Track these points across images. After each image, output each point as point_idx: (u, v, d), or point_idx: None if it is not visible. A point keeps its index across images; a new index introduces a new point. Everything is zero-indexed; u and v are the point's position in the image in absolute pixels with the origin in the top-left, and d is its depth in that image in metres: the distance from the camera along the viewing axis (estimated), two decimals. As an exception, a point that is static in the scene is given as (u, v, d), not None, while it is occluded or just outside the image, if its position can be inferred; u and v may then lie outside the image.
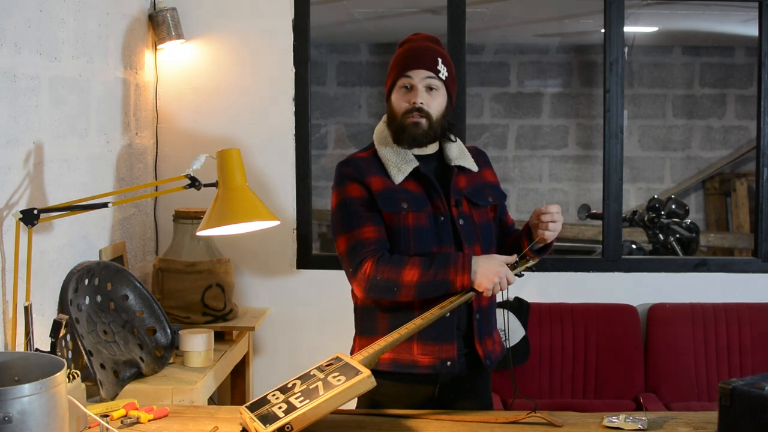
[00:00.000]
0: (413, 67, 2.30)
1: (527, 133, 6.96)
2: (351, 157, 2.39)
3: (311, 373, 2.09)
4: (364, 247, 2.26)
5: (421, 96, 2.30)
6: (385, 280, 2.21)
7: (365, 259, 2.24)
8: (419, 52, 2.32)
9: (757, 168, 3.94)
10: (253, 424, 1.98)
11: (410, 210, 2.29)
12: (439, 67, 2.31)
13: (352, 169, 2.33)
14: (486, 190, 2.42)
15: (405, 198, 2.30)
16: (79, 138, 2.88)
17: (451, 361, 2.29)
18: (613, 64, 3.85)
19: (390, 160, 2.32)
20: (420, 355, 2.30)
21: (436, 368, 2.30)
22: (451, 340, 2.30)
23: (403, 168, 2.31)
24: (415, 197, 2.30)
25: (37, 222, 2.29)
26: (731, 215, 6.94)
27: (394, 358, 2.31)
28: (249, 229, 2.35)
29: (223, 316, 3.32)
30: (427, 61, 2.30)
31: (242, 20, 3.74)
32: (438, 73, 2.31)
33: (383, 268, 2.22)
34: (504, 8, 5.50)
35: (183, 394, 2.67)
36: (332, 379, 2.00)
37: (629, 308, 3.82)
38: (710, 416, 2.19)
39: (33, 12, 2.52)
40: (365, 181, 2.31)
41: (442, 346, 2.29)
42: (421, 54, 2.31)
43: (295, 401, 1.98)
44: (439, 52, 2.35)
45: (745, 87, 6.89)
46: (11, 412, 1.68)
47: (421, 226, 2.29)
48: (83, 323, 2.60)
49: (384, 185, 2.30)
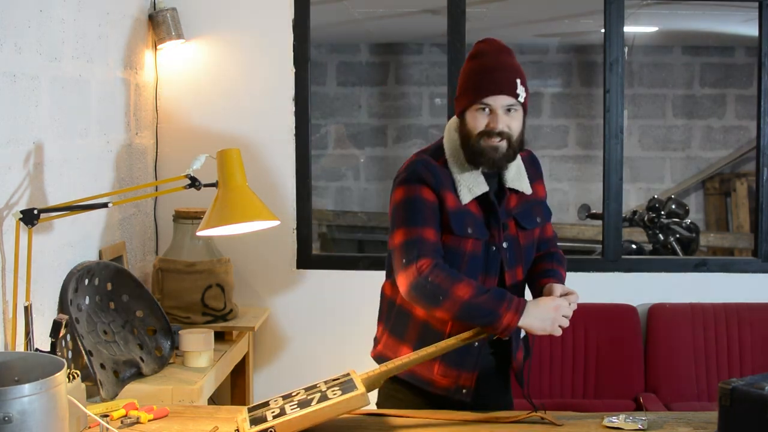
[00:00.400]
0: (492, 93, 2.17)
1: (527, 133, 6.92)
2: (428, 161, 2.25)
3: (317, 384, 2.13)
4: (426, 245, 2.16)
5: (502, 121, 2.18)
6: (437, 285, 2.11)
7: (424, 256, 2.14)
8: (498, 75, 2.18)
9: (757, 168, 3.94)
10: (243, 424, 2.02)
11: (473, 237, 2.22)
12: (518, 90, 2.19)
13: (430, 175, 2.22)
14: (536, 209, 2.34)
15: (471, 222, 2.22)
16: (79, 138, 2.88)
17: (467, 390, 2.28)
18: (613, 64, 3.85)
19: (462, 179, 2.23)
20: (439, 375, 2.29)
21: (451, 392, 2.28)
22: (473, 368, 2.27)
23: (474, 190, 2.22)
24: (477, 223, 2.23)
25: (37, 222, 2.29)
26: (731, 215, 6.94)
27: (414, 370, 2.28)
28: (249, 229, 2.35)
29: (223, 316, 3.32)
30: (508, 86, 2.18)
31: (242, 20, 3.74)
32: (518, 97, 2.19)
33: (439, 273, 2.12)
34: (504, 8, 5.49)
35: (183, 394, 2.67)
36: (330, 393, 2.04)
37: (629, 308, 3.82)
38: (710, 416, 2.19)
39: (33, 12, 2.51)
40: (441, 192, 2.21)
41: (461, 373, 2.27)
42: (500, 78, 2.18)
43: (288, 408, 2.02)
44: (518, 70, 2.21)
45: (745, 87, 6.89)
46: (11, 412, 1.68)
47: (476, 253, 2.23)
48: (83, 323, 2.60)
49: (455, 204, 2.22)
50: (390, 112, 6.89)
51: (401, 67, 6.92)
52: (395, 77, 6.93)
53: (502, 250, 2.25)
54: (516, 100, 2.19)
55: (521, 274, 2.31)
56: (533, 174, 2.38)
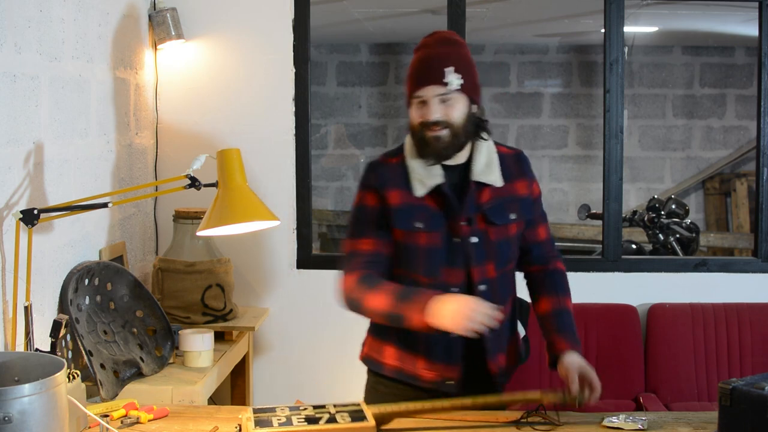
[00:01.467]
0: (422, 84, 2.17)
1: (527, 133, 6.96)
2: (380, 161, 2.32)
3: (325, 405, 2.15)
4: (357, 258, 2.24)
5: (435, 111, 2.17)
6: (355, 299, 2.20)
7: (351, 272, 2.22)
8: (427, 65, 2.18)
9: (757, 168, 3.94)
10: (248, 423, 2.03)
11: (424, 230, 2.23)
12: (448, 78, 2.15)
13: (375, 177, 2.27)
14: (511, 206, 2.28)
15: (421, 216, 2.23)
16: (79, 138, 2.88)
17: (453, 380, 2.28)
18: (613, 64, 3.85)
19: (415, 172, 2.24)
20: (424, 370, 2.30)
21: (437, 384, 2.29)
22: (457, 360, 2.27)
23: (427, 182, 2.22)
24: (432, 215, 2.23)
25: (37, 222, 2.29)
26: (731, 215, 6.94)
27: (400, 367, 2.31)
28: (249, 229, 2.35)
29: (223, 316, 3.32)
30: (435, 76, 2.16)
31: (242, 20, 3.74)
32: (447, 86, 2.15)
33: (358, 287, 2.19)
34: (504, 8, 5.49)
35: (183, 394, 2.67)
36: (339, 417, 2.07)
37: (629, 308, 3.82)
38: (710, 416, 2.19)
39: (33, 12, 2.52)
40: (384, 192, 2.25)
41: (446, 366, 2.28)
42: (428, 68, 2.17)
43: (295, 420, 2.05)
44: (450, 58, 2.17)
45: (745, 87, 6.89)
46: (11, 412, 1.68)
47: (433, 246, 2.23)
48: (83, 323, 2.60)
49: (402, 200, 2.24)
50: (390, 112, 6.89)
51: (401, 67, 6.92)
52: (395, 77, 6.93)
53: (468, 245, 2.22)
54: (446, 88, 2.15)
55: (493, 271, 2.25)
56: (516, 171, 2.32)
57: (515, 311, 2.40)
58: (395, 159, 2.29)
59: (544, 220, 2.40)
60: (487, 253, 2.24)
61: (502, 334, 2.32)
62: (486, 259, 2.24)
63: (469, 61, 2.22)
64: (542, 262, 2.40)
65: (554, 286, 2.37)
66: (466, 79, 2.17)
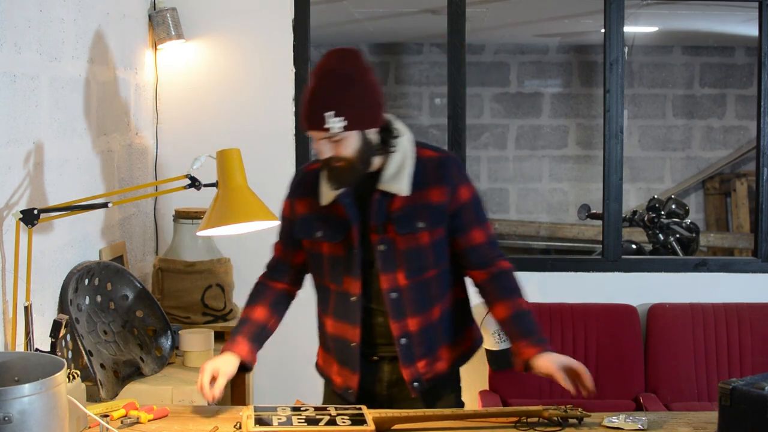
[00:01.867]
0: (306, 129, 2.14)
1: (527, 133, 6.96)
2: (303, 169, 2.38)
3: (328, 407, 2.16)
4: (270, 261, 2.47)
5: (325, 151, 2.13)
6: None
7: (263, 272, 2.47)
8: (310, 108, 2.11)
9: (757, 168, 3.94)
10: (248, 421, 2.04)
11: (324, 239, 2.25)
12: (329, 124, 2.07)
13: (292, 187, 2.36)
14: (420, 214, 2.20)
15: (324, 225, 2.25)
16: (79, 138, 2.88)
17: (352, 391, 2.28)
18: (613, 64, 3.85)
19: (323, 182, 2.23)
20: (335, 373, 2.35)
21: (342, 391, 2.31)
22: (355, 369, 2.27)
23: (329, 193, 2.23)
24: (335, 224, 2.23)
25: (37, 222, 2.29)
26: (731, 215, 6.94)
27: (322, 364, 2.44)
28: (249, 229, 2.35)
29: (223, 316, 3.32)
30: (316, 121, 2.09)
31: (242, 20, 3.74)
32: (329, 131, 2.08)
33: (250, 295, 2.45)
34: (504, 8, 5.50)
35: (183, 394, 2.67)
36: (339, 419, 2.07)
37: (629, 308, 3.82)
38: (710, 416, 2.19)
39: (33, 12, 2.51)
40: (294, 201, 2.33)
41: (348, 374, 2.29)
42: (311, 112, 2.10)
43: (295, 420, 2.06)
44: (332, 101, 2.09)
45: (745, 87, 6.89)
46: (11, 412, 1.68)
47: (335, 255, 2.26)
48: (83, 323, 2.60)
49: (308, 209, 2.28)
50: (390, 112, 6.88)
51: (401, 67, 6.92)
52: (395, 77, 6.93)
53: (376, 253, 2.22)
54: (329, 132, 2.09)
55: (404, 279, 2.22)
56: (434, 178, 2.22)
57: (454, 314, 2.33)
58: (316, 165, 2.28)
59: (478, 224, 2.27)
60: (396, 261, 2.22)
61: (425, 340, 2.27)
62: (395, 268, 2.22)
63: (355, 94, 2.13)
64: (483, 266, 2.29)
65: (503, 289, 2.28)
66: (350, 117, 2.10)
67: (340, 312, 2.30)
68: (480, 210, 2.29)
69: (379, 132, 2.21)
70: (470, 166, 6.56)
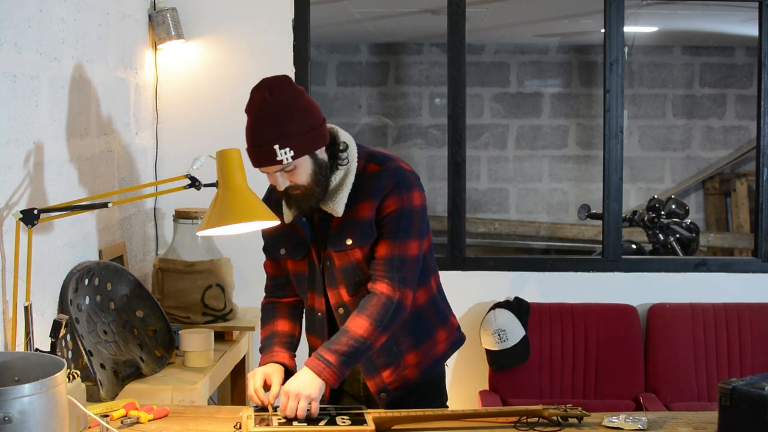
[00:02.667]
0: (258, 166, 2.16)
1: (527, 133, 6.96)
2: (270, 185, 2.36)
3: (328, 407, 2.17)
4: (267, 280, 2.48)
5: (281, 183, 2.17)
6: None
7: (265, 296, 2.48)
8: (255, 147, 2.12)
9: (757, 168, 3.94)
10: (247, 421, 2.06)
11: (287, 257, 2.33)
12: (281, 156, 2.10)
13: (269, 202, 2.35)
14: (348, 230, 2.21)
15: (287, 243, 2.31)
16: (79, 138, 2.88)
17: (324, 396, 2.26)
18: (613, 64, 3.85)
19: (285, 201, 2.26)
20: None
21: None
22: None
23: (290, 213, 2.27)
24: (296, 242, 2.29)
25: (37, 222, 2.29)
26: (731, 215, 6.94)
27: None
28: (249, 229, 2.35)
29: (223, 316, 3.32)
30: (266, 158, 2.11)
31: (242, 20, 3.74)
32: (281, 163, 2.11)
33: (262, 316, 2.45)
34: (504, 8, 5.50)
35: (183, 394, 2.67)
36: (339, 419, 2.09)
37: (629, 308, 3.82)
38: (710, 416, 2.19)
39: (33, 12, 2.51)
40: None
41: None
42: (257, 151, 2.12)
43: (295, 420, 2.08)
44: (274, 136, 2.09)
45: (745, 87, 6.89)
46: (11, 412, 1.68)
47: (299, 272, 2.33)
48: (83, 323, 2.60)
49: (278, 227, 2.29)
50: (390, 112, 6.89)
51: (401, 67, 6.92)
52: (395, 77, 6.93)
53: (326, 269, 2.27)
54: (281, 165, 2.12)
55: (346, 295, 2.25)
56: (366, 193, 2.20)
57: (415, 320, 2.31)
58: None
59: (390, 237, 2.20)
60: (336, 278, 2.27)
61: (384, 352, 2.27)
62: (336, 284, 2.27)
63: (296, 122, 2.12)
64: (371, 281, 2.23)
65: (359, 307, 2.20)
66: (296, 146, 2.10)
67: (310, 326, 2.39)
68: (403, 225, 2.20)
69: (327, 149, 2.21)
70: (470, 166, 6.56)
